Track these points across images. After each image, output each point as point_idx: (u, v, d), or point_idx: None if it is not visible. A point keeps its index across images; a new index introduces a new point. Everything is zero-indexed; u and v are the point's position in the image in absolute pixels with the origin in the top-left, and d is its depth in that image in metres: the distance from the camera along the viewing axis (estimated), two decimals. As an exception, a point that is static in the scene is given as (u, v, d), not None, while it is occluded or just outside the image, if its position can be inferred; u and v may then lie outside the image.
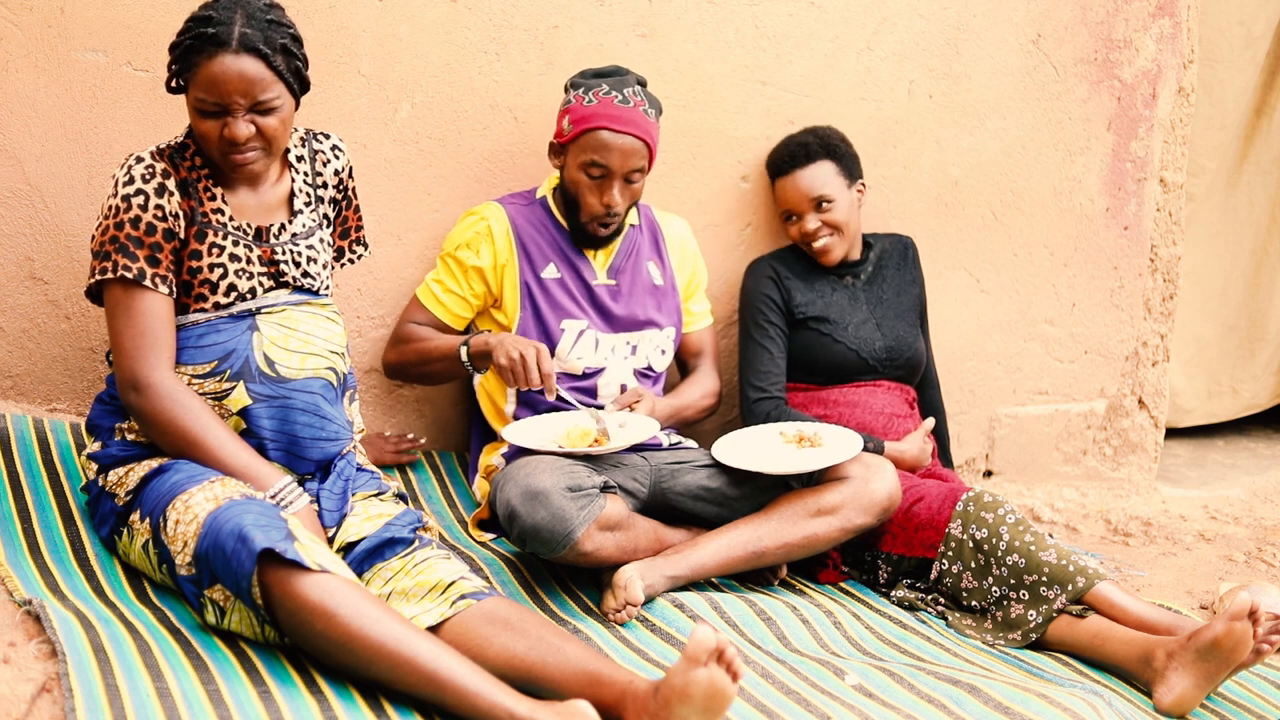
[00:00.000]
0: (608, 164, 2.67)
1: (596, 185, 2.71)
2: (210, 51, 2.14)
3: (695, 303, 3.02)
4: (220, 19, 2.15)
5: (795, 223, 3.07)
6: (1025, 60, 3.46)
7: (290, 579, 1.88)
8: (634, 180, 2.72)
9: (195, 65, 2.16)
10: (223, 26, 2.14)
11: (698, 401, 2.97)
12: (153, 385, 2.14)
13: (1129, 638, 2.49)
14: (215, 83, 2.15)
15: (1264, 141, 4.22)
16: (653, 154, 2.73)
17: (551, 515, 2.40)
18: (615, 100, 2.67)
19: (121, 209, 2.16)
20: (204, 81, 2.15)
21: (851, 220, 3.07)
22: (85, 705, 1.71)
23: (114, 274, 2.15)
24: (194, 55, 2.15)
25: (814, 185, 3.02)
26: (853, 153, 3.10)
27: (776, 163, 3.10)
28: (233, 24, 2.15)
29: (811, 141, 3.05)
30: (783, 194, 3.07)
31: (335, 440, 2.31)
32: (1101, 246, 3.66)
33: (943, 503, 2.75)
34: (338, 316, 2.40)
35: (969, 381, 3.60)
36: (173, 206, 2.18)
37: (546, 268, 2.79)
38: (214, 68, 2.14)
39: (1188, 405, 4.37)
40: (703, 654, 1.82)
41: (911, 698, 2.19)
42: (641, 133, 2.68)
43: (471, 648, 2.00)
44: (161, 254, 2.17)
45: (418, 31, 2.86)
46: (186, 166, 2.24)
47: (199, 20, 2.16)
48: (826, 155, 3.04)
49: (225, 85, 2.15)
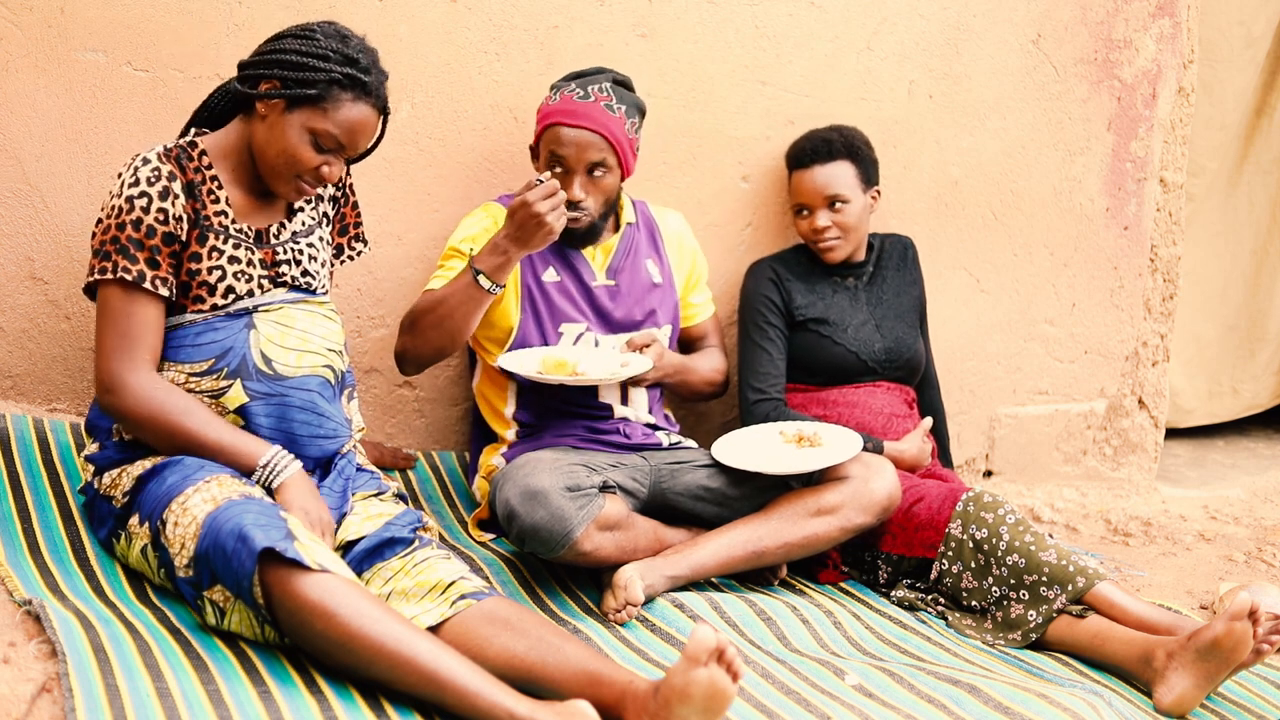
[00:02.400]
0: (564, 157, 2.68)
1: (560, 180, 2.70)
2: (356, 96, 2.21)
3: (696, 294, 3.01)
4: (365, 64, 2.22)
5: (806, 217, 3.06)
6: (1025, 60, 3.46)
7: (290, 578, 1.88)
8: (597, 174, 2.70)
9: (333, 100, 2.20)
10: (371, 78, 2.22)
11: (706, 373, 2.96)
12: (126, 385, 2.14)
13: (1129, 638, 2.49)
14: (351, 129, 2.22)
15: (1264, 141, 4.22)
16: (618, 148, 2.70)
17: (550, 515, 2.40)
18: (575, 96, 2.68)
19: (124, 210, 2.16)
20: (339, 122, 2.21)
21: (861, 224, 3.07)
22: (85, 705, 1.71)
23: (113, 275, 2.15)
24: (338, 90, 2.20)
25: (830, 183, 3.02)
26: (873, 158, 3.09)
27: (797, 155, 3.08)
28: (373, 73, 2.23)
29: (835, 139, 3.05)
30: (798, 186, 3.07)
31: (333, 438, 2.31)
32: (1101, 246, 3.66)
33: (943, 503, 2.75)
34: (335, 315, 2.41)
35: (969, 381, 3.60)
36: (176, 210, 2.18)
37: (546, 271, 2.78)
38: (355, 114, 2.22)
39: (1188, 405, 4.37)
40: (703, 654, 1.82)
41: (911, 698, 2.19)
42: (596, 125, 2.66)
43: (471, 648, 2.00)
44: (161, 256, 2.17)
45: (418, 31, 2.86)
46: (193, 168, 2.23)
47: (347, 59, 2.20)
48: (848, 156, 3.04)
49: (355, 135, 2.23)
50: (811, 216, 3.05)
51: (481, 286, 2.52)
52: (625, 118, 2.71)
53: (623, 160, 2.74)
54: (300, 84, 2.18)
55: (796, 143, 3.11)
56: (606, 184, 2.73)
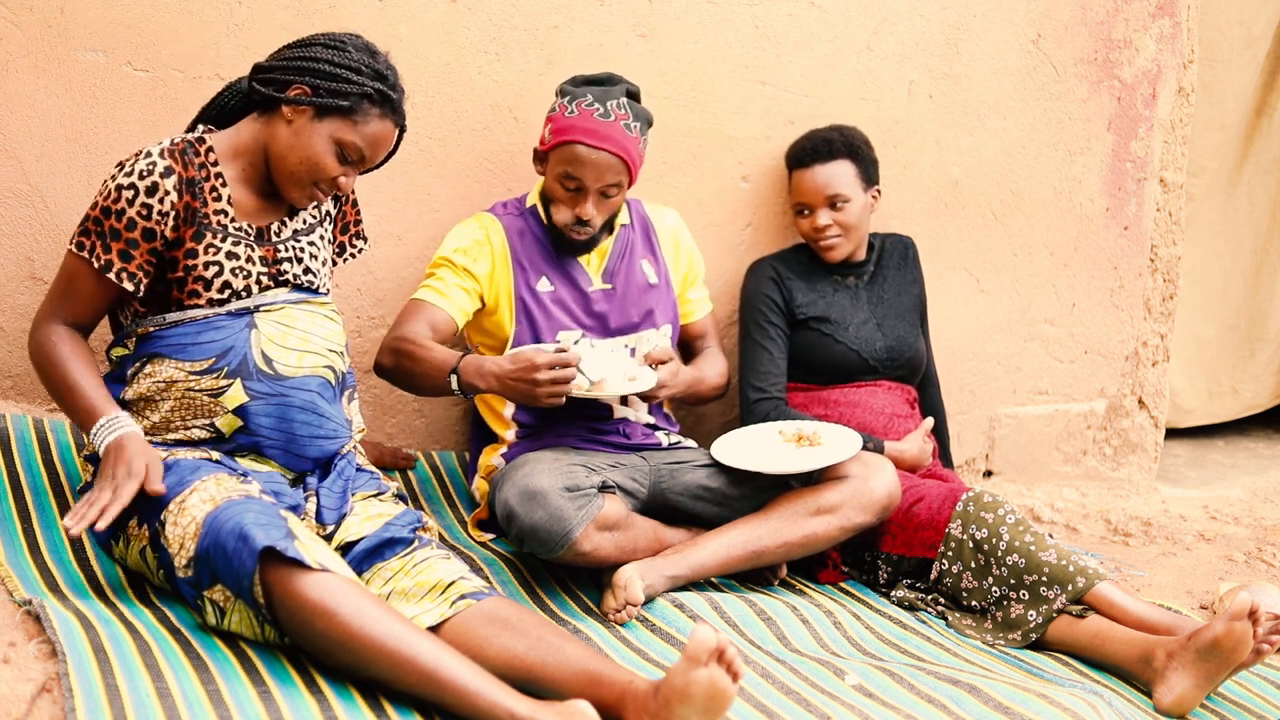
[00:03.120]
0: (581, 178, 2.65)
1: (570, 197, 2.68)
2: (382, 112, 2.25)
3: (694, 291, 3.00)
4: (393, 82, 2.26)
5: (807, 217, 3.06)
6: (1025, 60, 3.46)
7: (291, 577, 1.88)
8: (610, 194, 2.69)
9: (363, 113, 2.23)
10: (398, 97, 2.27)
11: (715, 378, 2.95)
12: (40, 328, 2.23)
13: (1129, 638, 2.49)
14: (375, 143, 2.27)
15: (1264, 141, 4.22)
16: (632, 169, 2.69)
17: (549, 515, 2.40)
18: (596, 114, 2.63)
19: (112, 197, 2.18)
20: (366, 135, 2.24)
21: (862, 223, 3.07)
22: (85, 705, 1.71)
23: (88, 255, 2.19)
24: (368, 105, 2.23)
25: (831, 182, 3.02)
26: (873, 157, 3.09)
27: (798, 154, 3.08)
28: (399, 92, 2.27)
29: (836, 139, 3.05)
30: (799, 186, 3.07)
31: (334, 438, 2.31)
32: (1101, 246, 3.66)
33: (943, 503, 2.75)
34: (336, 315, 2.41)
35: (969, 381, 3.60)
36: (164, 206, 2.18)
37: (540, 280, 2.76)
38: (380, 129, 2.26)
39: (1188, 405, 4.37)
40: (703, 654, 1.82)
41: (911, 698, 2.19)
42: (618, 149, 2.63)
43: (471, 648, 2.00)
44: (136, 250, 2.18)
45: (418, 31, 2.86)
46: (198, 164, 2.23)
47: (378, 75, 2.24)
48: (848, 155, 3.04)
49: (377, 149, 2.28)
50: (812, 216, 3.05)
51: (452, 386, 2.51)
52: (640, 135, 2.69)
53: (634, 178, 2.73)
54: (333, 94, 2.21)
55: (797, 142, 3.11)
56: (615, 202, 2.72)
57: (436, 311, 2.67)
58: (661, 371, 2.67)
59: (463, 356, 2.51)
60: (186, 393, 2.20)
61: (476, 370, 2.47)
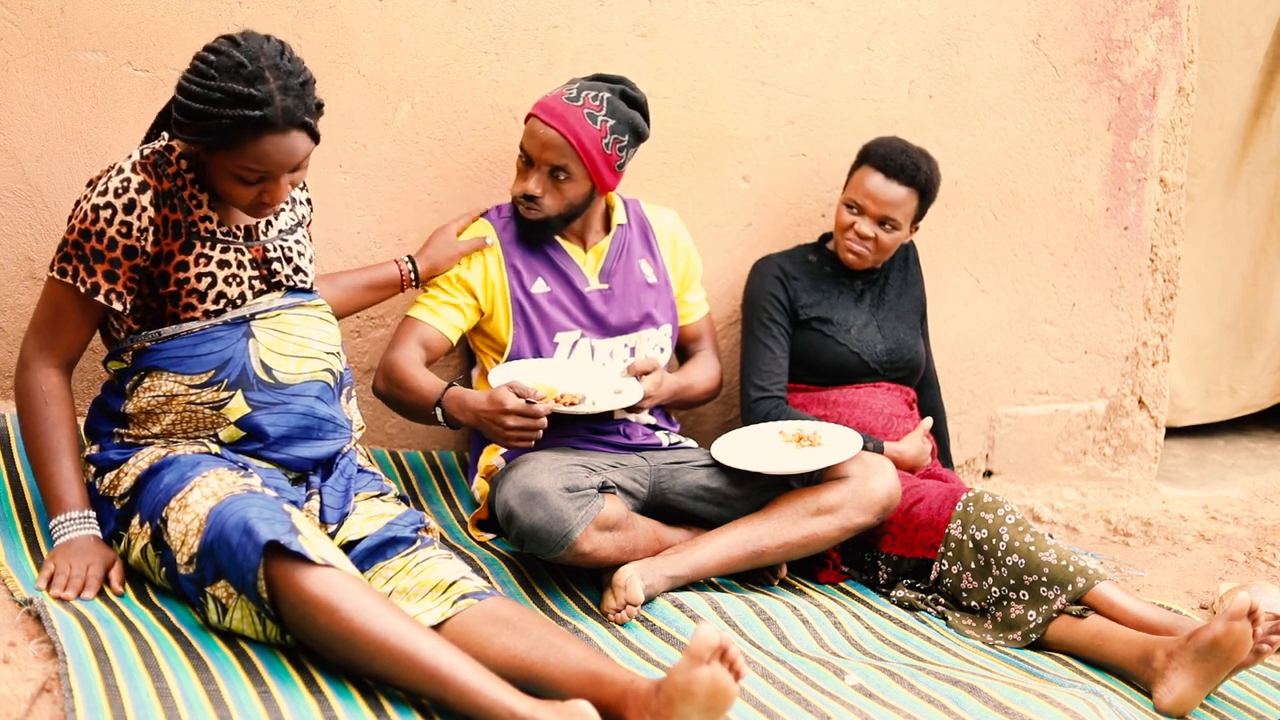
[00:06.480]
0: (529, 150, 2.68)
1: (522, 171, 2.70)
2: (256, 133, 2.08)
3: (691, 293, 3.00)
4: (261, 97, 2.05)
5: (854, 214, 3.02)
6: (1025, 60, 3.46)
7: (294, 573, 1.89)
8: (559, 177, 2.67)
9: (238, 143, 2.08)
10: (268, 108, 2.06)
11: (704, 383, 2.95)
12: (29, 369, 2.21)
13: (1129, 638, 2.49)
14: (263, 160, 2.11)
15: (1263, 141, 4.23)
16: (583, 156, 2.64)
17: (549, 516, 2.40)
18: (565, 96, 2.66)
19: (90, 218, 2.15)
20: (250, 157, 2.10)
21: (892, 251, 3.05)
22: (85, 705, 1.71)
23: (71, 280, 2.16)
24: (236, 134, 2.07)
25: (896, 204, 2.96)
26: (933, 200, 3.05)
27: (883, 160, 2.98)
28: (274, 100, 2.06)
29: (923, 170, 2.97)
30: (865, 186, 2.98)
31: (334, 439, 2.31)
32: (1101, 246, 3.66)
33: (942, 503, 2.75)
34: (331, 316, 2.41)
35: (969, 381, 3.60)
36: (142, 222, 2.16)
37: (535, 282, 2.76)
38: (263, 147, 2.09)
39: (1186, 405, 4.37)
40: (706, 652, 1.82)
41: (911, 698, 2.19)
42: (567, 131, 2.62)
43: (472, 647, 2.00)
44: (120, 269, 2.16)
45: (418, 31, 2.86)
46: (170, 173, 2.21)
47: (238, 99, 2.05)
48: (921, 192, 2.98)
49: (272, 160, 2.11)
50: (859, 218, 3.00)
51: (436, 416, 2.55)
52: (608, 132, 2.65)
53: (592, 172, 2.68)
54: (203, 132, 2.10)
55: (884, 145, 3.01)
56: (568, 191, 2.69)
57: (428, 330, 2.71)
58: (646, 382, 2.71)
59: (448, 388, 2.54)
60: (187, 406, 2.20)
61: (459, 404, 2.51)
